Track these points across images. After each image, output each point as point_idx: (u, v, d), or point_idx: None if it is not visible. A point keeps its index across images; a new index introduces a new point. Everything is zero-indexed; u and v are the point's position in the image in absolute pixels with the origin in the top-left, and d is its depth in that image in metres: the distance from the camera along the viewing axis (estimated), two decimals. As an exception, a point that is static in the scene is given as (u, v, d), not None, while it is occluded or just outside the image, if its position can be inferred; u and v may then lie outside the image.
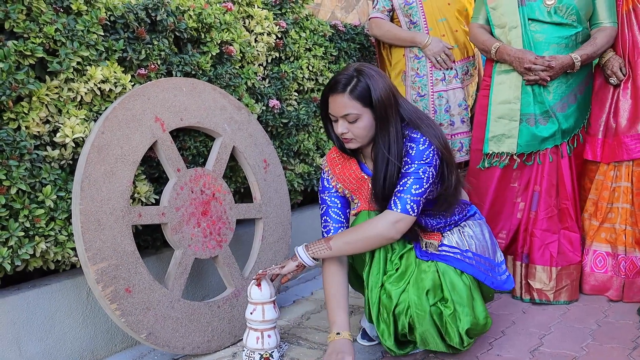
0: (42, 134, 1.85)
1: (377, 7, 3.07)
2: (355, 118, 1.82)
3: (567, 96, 2.47)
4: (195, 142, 2.29)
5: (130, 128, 1.92)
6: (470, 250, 1.94)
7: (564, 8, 2.41)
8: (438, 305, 1.85)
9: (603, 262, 2.52)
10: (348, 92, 1.81)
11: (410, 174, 1.80)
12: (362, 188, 1.96)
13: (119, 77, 1.99)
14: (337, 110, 1.84)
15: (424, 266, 1.90)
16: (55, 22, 1.83)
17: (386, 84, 1.83)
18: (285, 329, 2.25)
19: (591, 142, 2.57)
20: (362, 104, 1.81)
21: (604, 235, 2.54)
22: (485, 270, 1.94)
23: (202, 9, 2.33)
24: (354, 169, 1.98)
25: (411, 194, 1.79)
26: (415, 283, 1.86)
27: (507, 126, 2.50)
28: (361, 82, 1.81)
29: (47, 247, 1.83)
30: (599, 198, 2.56)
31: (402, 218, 1.79)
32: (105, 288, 1.78)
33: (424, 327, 1.84)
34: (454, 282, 1.88)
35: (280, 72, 2.75)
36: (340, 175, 2.00)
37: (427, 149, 1.81)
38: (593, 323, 2.22)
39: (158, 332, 1.90)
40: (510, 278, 2.03)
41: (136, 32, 2.08)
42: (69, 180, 1.88)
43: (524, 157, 2.50)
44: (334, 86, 1.84)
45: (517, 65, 2.44)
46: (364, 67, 1.84)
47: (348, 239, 1.84)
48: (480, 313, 1.89)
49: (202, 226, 2.09)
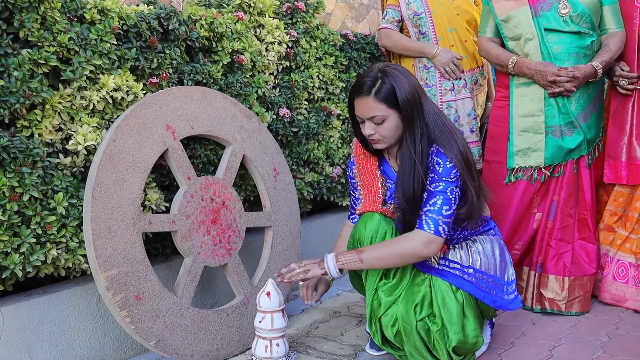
0: (54, 141, 1.87)
1: (387, 18, 3.08)
2: (381, 120, 1.82)
3: (588, 106, 2.45)
4: (205, 150, 2.31)
5: (142, 136, 1.94)
6: (472, 267, 1.92)
7: (579, 17, 2.39)
8: (426, 320, 1.86)
9: (625, 272, 2.50)
10: (373, 94, 1.81)
11: (439, 193, 1.79)
12: (371, 185, 1.98)
13: (131, 85, 2.01)
14: (364, 112, 1.84)
15: (418, 279, 1.92)
16: (69, 31, 1.85)
17: (411, 83, 1.82)
18: (294, 337, 2.25)
19: (613, 165, 2.53)
20: (388, 105, 1.81)
21: (629, 245, 2.52)
22: (485, 288, 1.92)
23: (213, 18, 2.35)
24: (371, 164, 2.01)
25: (442, 215, 1.78)
26: (406, 296, 1.88)
27: (533, 139, 2.47)
28: (386, 84, 1.80)
29: (58, 253, 1.84)
30: (630, 208, 2.53)
31: (435, 240, 1.78)
32: (116, 295, 1.79)
33: (411, 341, 1.87)
34: (445, 298, 1.88)
35: (290, 81, 2.76)
36: (360, 164, 2.04)
37: (453, 168, 1.80)
38: (604, 335, 2.20)
39: (167, 339, 1.91)
40: (517, 298, 1.99)
41: (148, 41, 2.10)
42: (80, 188, 1.89)
43: (551, 169, 2.48)
44: (359, 88, 1.84)
45: (539, 78, 2.40)
46: (388, 67, 1.84)
47: (380, 254, 1.82)
48: (471, 332, 1.88)
49: (212, 234, 2.10)
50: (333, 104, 3.02)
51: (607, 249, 2.58)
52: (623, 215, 2.55)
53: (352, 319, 2.44)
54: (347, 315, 2.48)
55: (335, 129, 3.02)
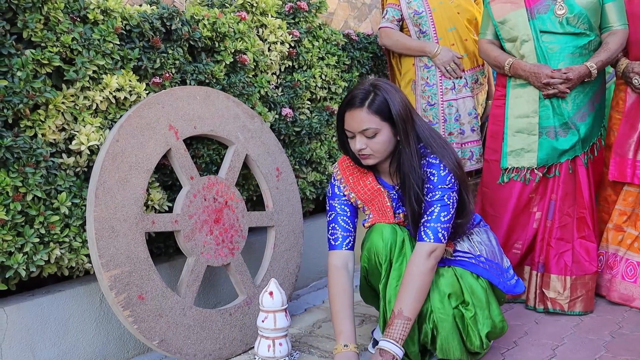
0: (58, 141, 1.87)
1: (387, 17, 3.07)
2: (374, 133, 1.81)
3: (585, 105, 2.44)
4: (208, 150, 2.31)
5: (145, 136, 1.94)
6: (482, 256, 1.97)
7: (575, 18, 2.39)
8: (460, 308, 1.87)
9: (634, 272, 2.50)
10: (366, 107, 1.79)
11: (436, 202, 1.81)
12: (376, 199, 1.96)
13: (133, 85, 2.01)
14: (355, 125, 1.82)
15: (441, 271, 1.91)
16: (72, 31, 1.85)
17: (402, 99, 1.83)
18: (296, 337, 2.25)
19: (619, 162, 2.53)
20: (381, 118, 1.80)
21: (637, 245, 2.52)
22: (497, 275, 1.97)
23: (216, 18, 2.35)
24: (370, 180, 1.97)
25: (440, 222, 1.81)
26: (436, 288, 1.87)
27: (526, 140, 2.48)
28: (379, 96, 1.80)
29: (62, 253, 1.84)
30: (639, 208, 2.53)
31: (436, 247, 1.80)
32: (119, 295, 1.79)
33: (446, 331, 1.85)
34: (472, 285, 1.90)
35: (293, 80, 2.76)
36: (354, 185, 1.98)
37: (447, 174, 1.82)
38: (607, 334, 2.20)
39: (170, 339, 1.91)
40: (519, 282, 2.05)
41: (151, 41, 2.10)
42: (83, 188, 1.90)
43: (545, 170, 2.48)
44: (350, 101, 1.82)
45: (534, 80, 2.41)
46: (380, 81, 1.84)
47: (409, 297, 1.77)
48: (497, 316, 1.92)
49: (215, 234, 2.10)
50: (335, 103, 3.02)
51: (617, 248, 2.57)
52: (632, 215, 2.55)
53: (355, 319, 2.43)
54: (349, 315, 2.48)
55: (338, 129, 3.03)
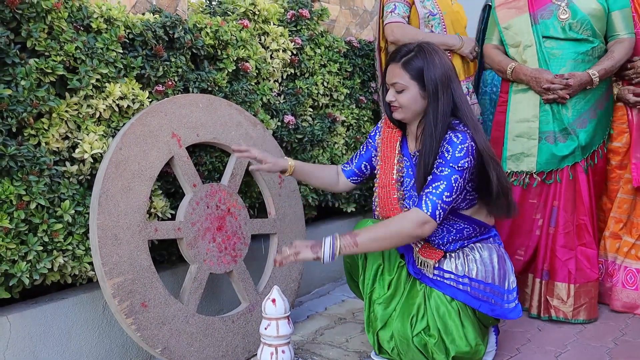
0: (61, 149, 1.88)
1: (397, 12, 2.91)
2: (401, 88, 1.88)
3: (586, 112, 2.44)
4: (211, 157, 2.31)
5: (148, 144, 1.95)
6: (467, 276, 1.92)
7: (578, 24, 2.39)
8: (422, 335, 1.88)
9: (634, 279, 2.50)
10: (402, 63, 1.88)
11: (444, 178, 1.79)
12: (388, 158, 2.03)
13: (136, 93, 2.02)
14: (390, 77, 1.92)
15: (413, 291, 1.94)
16: (75, 40, 1.86)
17: (443, 65, 1.86)
18: (299, 344, 2.25)
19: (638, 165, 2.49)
20: (411, 76, 1.87)
21: (634, 252, 2.52)
22: (482, 297, 1.91)
23: (218, 26, 2.36)
24: (394, 138, 2.05)
25: (442, 199, 1.79)
26: (402, 310, 1.91)
27: (526, 145, 2.48)
28: (417, 58, 1.87)
29: (65, 261, 1.85)
30: (634, 215, 2.52)
31: (430, 221, 1.78)
32: (122, 302, 1.79)
33: (409, 355, 1.90)
34: (440, 308, 1.90)
35: (295, 88, 2.77)
36: (385, 136, 2.08)
37: (463, 157, 1.80)
38: (610, 341, 2.20)
39: (173, 346, 1.91)
40: (518, 307, 1.97)
41: (154, 49, 2.11)
42: (87, 196, 1.91)
43: (544, 175, 2.48)
44: (393, 54, 1.93)
45: (535, 85, 2.43)
46: (427, 44, 1.90)
47: (375, 235, 1.81)
48: (472, 340, 1.88)
49: (218, 241, 2.11)
50: (337, 110, 3.02)
51: (614, 256, 2.57)
52: (628, 222, 2.54)
53: (358, 325, 2.44)
54: (352, 322, 2.48)
55: (340, 136, 3.03)
